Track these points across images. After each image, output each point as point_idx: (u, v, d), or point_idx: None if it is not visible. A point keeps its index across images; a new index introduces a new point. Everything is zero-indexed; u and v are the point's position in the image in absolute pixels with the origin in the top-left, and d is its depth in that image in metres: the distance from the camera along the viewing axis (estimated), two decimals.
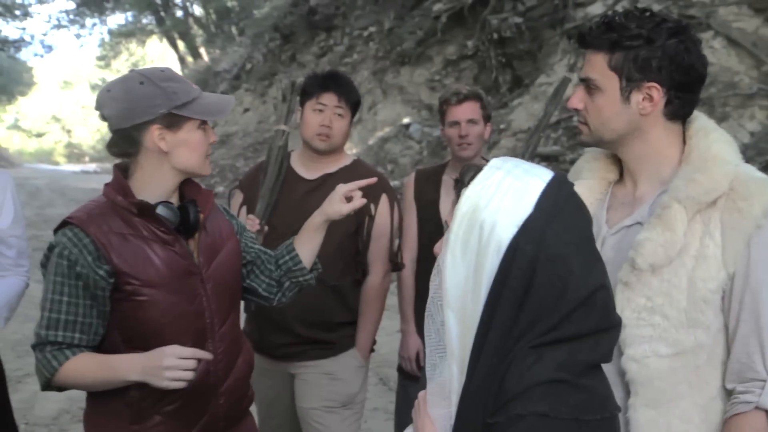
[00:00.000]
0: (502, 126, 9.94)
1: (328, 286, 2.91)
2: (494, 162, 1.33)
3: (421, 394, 1.42)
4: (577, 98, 1.80)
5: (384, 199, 3.01)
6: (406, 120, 12.91)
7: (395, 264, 3.09)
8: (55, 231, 2.01)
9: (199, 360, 1.96)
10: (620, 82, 1.72)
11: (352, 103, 3.01)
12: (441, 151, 11.04)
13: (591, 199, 1.82)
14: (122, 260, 1.96)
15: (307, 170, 3.04)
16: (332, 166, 3.03)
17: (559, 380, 1.22)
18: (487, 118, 3.23)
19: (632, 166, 1.83)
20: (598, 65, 1.73)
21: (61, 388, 2.03)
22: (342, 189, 2.32)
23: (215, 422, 2.15)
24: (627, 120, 1.75)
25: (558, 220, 1.25)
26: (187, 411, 2.07)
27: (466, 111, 3.16)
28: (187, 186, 2.16)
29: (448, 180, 3.25)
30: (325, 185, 2.95)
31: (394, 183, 10.47)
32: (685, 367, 1.69)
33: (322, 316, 2.95)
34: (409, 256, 3.30)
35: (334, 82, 2.98)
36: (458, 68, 12.76)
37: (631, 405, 1.71)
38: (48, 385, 2.00)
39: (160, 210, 2.02)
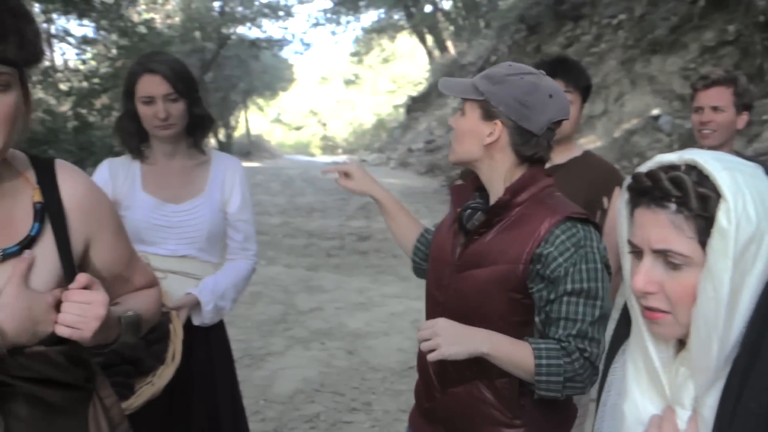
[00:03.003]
0: (765, 117, 9.07)
1: None
2: (707, 164, 1.15)
3: (667, 412, 1.23)
4: None
5: (618, 192, 2.80)
6: (655, 111, 12.20)
7: None
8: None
9: None
10: None
11: (581, 87, 2.83)
12: (693, 144, 10.28)
13: None
14: None
15: None
16: (561, 157, 2.87)
17: None
18: (742, 107, 2.91)
19: None
20: None
21: None
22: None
23: None
24: None
25: None
26: None
27: (712, 97, 2.89)
28: None
29: None
30: (554, 177, 2.81)
31: None
32: None
33: None
34: None
35: (561, 68, 2.80)
36: (716, 55, 11.81)
37: None
38: None
39: None
